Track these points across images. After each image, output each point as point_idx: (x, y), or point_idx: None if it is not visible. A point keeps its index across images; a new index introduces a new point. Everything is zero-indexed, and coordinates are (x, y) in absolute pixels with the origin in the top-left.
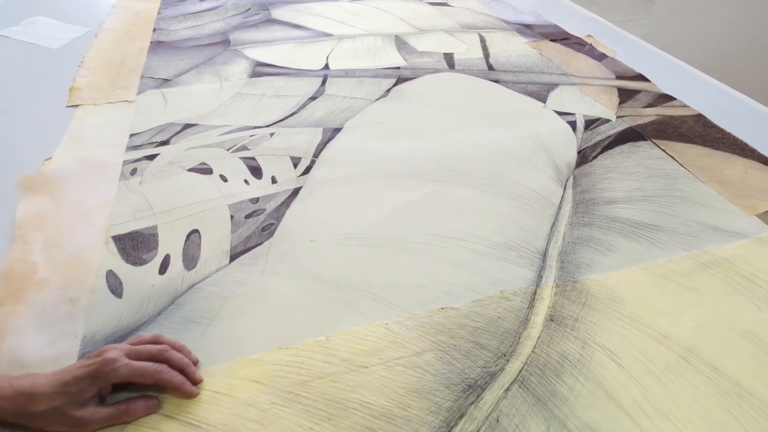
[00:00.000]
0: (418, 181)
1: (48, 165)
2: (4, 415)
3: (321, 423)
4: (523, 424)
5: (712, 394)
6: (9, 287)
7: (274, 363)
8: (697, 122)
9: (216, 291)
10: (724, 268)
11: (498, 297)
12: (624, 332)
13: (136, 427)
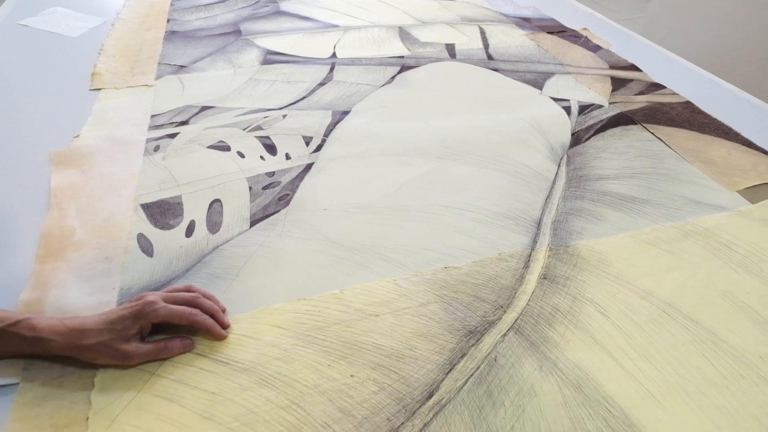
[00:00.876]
0: (422, 158)
1: (77, 142)
2: (59, 348)
3: (338, 361)
4: (518, 363)
5: (690, 341)
6: (49, 247)
7: (294, 312)
8: (685, 109)
9: (239, 251)
10: (704, 236)
11: (496, 258)
12: (611, 289)
13: (173, 362)
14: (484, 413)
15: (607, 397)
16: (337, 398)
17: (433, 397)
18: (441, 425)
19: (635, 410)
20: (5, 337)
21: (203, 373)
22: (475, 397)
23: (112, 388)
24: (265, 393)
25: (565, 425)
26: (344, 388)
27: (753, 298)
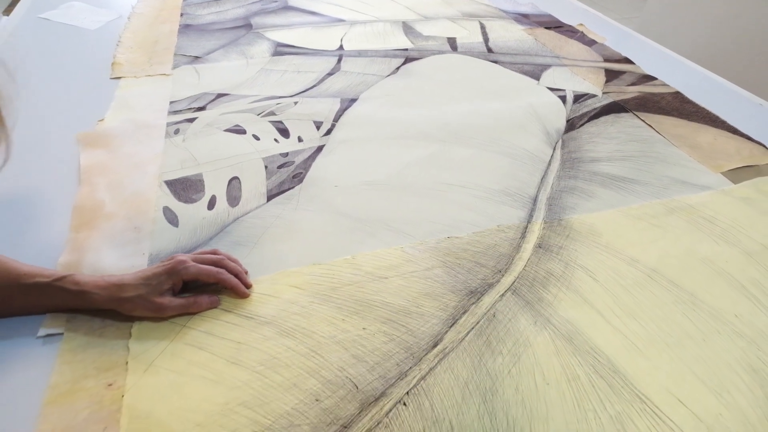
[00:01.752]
0: (426, 141)
1: (102, 125)
2: (100, 301)
3: (351, 316)
4: (514, 319)
5: (672, 302)
6: (82, 218)
7: (310, 274)
8: (675, 98)
9: (257, 222)
10: (688, 212)
11: (495, 230)
12: (600, 257)
13: (201, 317)
14: (484, 360)
15: (595, 348)
16: (351, 347)
17: (438, 346)
18: (445, 370)
19: (620, 359)
20: (52, 290)
21: (229, 326)
22: (476, 347)
23: (148, 337)
24: (286, 342)
25: (556, 371)
26: (357, 338)
27: (731, 266)
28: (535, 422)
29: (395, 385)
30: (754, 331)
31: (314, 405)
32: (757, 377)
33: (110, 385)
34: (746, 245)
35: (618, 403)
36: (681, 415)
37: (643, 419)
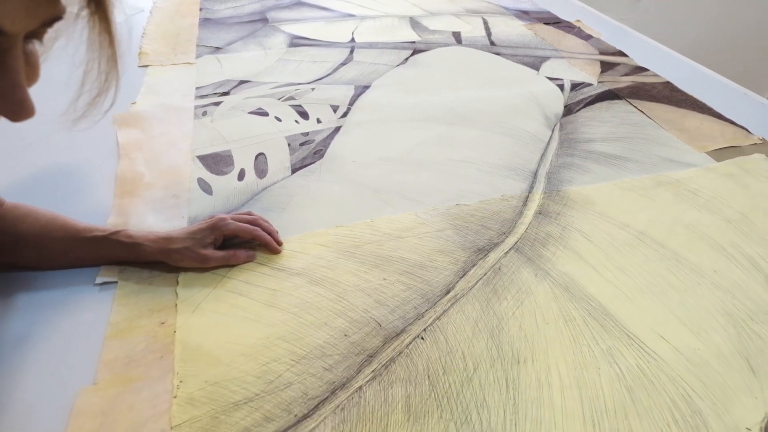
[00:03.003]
0: (435, 123)
1: (135, 107)
2: (151, 253)
3: (372, 269)
4: (518, 272)
5: (657, 259)
6: (125, 187)
7: (334, 235)
8: (665, 87)
9: (284, 191)
10: (675, 185)
11: (499, 199)
12: (594, 222)
13: (239, 269)
14: (491, 304)
15: (589, 295)
16: (374, 293)
17: (450, 293)
18: (457, 311)
19: (611, 305)
20: (108, 243)
21: (264, 276)
22: (484, 293)
23: (193, 285)
24: (315, 289)
25: (555, 313)
26: (378, 287)
27: (712, 230)
28: (537, 353)
29: (413, 323)
30: (730, 282)
31: (343, 339)
32: (731, 320)
33: (163, 324)
34: (727, 213)
35: (609, 339)
36: (663, 349)
37: (631, 352)
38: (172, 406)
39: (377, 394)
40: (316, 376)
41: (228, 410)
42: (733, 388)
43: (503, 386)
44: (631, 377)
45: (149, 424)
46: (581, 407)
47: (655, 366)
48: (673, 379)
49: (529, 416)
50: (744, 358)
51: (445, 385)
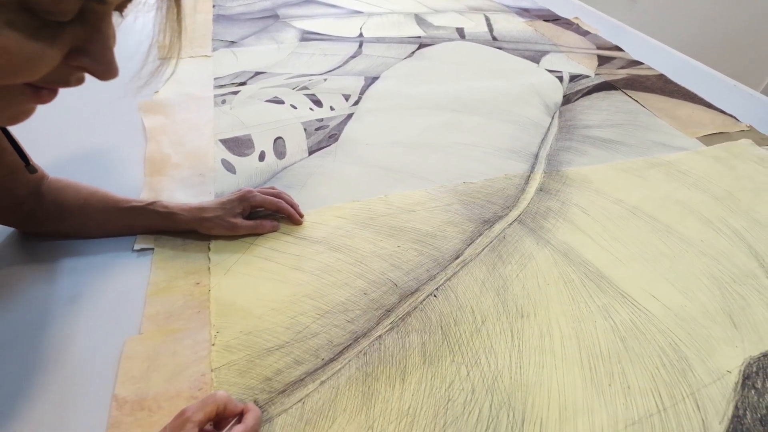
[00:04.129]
0: (441, 111)
1: (158, 96)
2: (184, 221)
3: (387, 238)
4: (520, 240)
5: (649, 231)
6: (153, 167)
7: (350, 208)
8: (659, 79)
9: (302, 170)
10: (666, 166)
11: (503, 178)
12: (591, 198)
13: (265, 237)
14: (497, 267)
15: (586, 261)
16: (389, 259)
17: (459, 258)
18: (466, 273)
19: (606, 269)
20: (145, 213)
21: (288, 244)
22: (490, 258)
23: (224, 251)
24: (336, 255)
25: (555, 275)
26: (393, 253)
27: (700, 206)
28: (539, 309)
29: (426, 284)
30: (715, 251)
31: (363, 297)
32: (716, 282)
33: (198, 284)
34: (714, 192)
35: (604, 297)
36: (654, 306)
37: (624, 308)
38: (211, 353)
39: (395, 341)
40: (340, 327)
41: (262, 355)
42: (716, 338)
43: (509, 336)
44: (624, 329)
45: (191, 367)
46: (579, 354)
47: (646, 320)
48: (663, 331)
49: (533, 361)
50: (727, 315)
51: (456, 335)
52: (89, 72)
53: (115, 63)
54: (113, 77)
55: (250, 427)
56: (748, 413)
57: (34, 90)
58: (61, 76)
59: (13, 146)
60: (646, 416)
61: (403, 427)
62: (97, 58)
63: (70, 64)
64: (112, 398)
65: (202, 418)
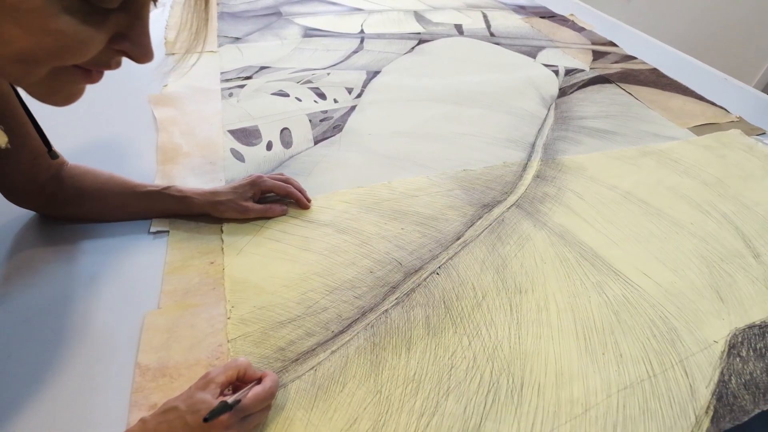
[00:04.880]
0: (441, 103)
1: (167, 89)
2: (198, 205)
3: (390, 221)
4: (518, 223)
5: (641, 214)
6: (166, 156)
7: (356, 194)
8: (652, 73)
9: (309, 159)
10: (658, 155)
11: (502, 165)
12: (586, 184)
13: (274, 221)
14: (496, 247)
15: (581, 242)
16: (393, 240)
17: (460, 239)
18: (467, 253)
19: (601, 249)
20: (160, 197)
21: (297, 227)
22: (489, 239)
23: (236, 233)
24: (343, 237)
25: (551, 255)
26: (397, 235)
27: (691, 192)
28: (536, 285)
29: (429, 262)
30: (704, 232)
31: (369, 275)
32: (704, 260)
33: (212, 263)
34: (704, 178)
35: (598, 275)
36: (645, 283)
37: (617, 285)
38: (227, 325)
39: (401, 315)
40: (348, 303)
41: (275, 327)
42: (704, 312)
43: (508, 310)
44: (617, 303)
45: (209, 338)
46: (574, 326)
47: (637, 295)
48: (653, 305)
49: (531, 332)
50: (714, 291)
51: (458, 309)
52: (129, 56)
53: (151, 47)
54: (149, 60)
55: (268, 387)
56: (733, 379)
57: (84, 72)
58: (104, 60)
59: (37, 131)
60: (637, 381)
61: (410, 391)
62: (137, 42)
63: (112, 48)
64: (136, 366)
65: (224, 380)
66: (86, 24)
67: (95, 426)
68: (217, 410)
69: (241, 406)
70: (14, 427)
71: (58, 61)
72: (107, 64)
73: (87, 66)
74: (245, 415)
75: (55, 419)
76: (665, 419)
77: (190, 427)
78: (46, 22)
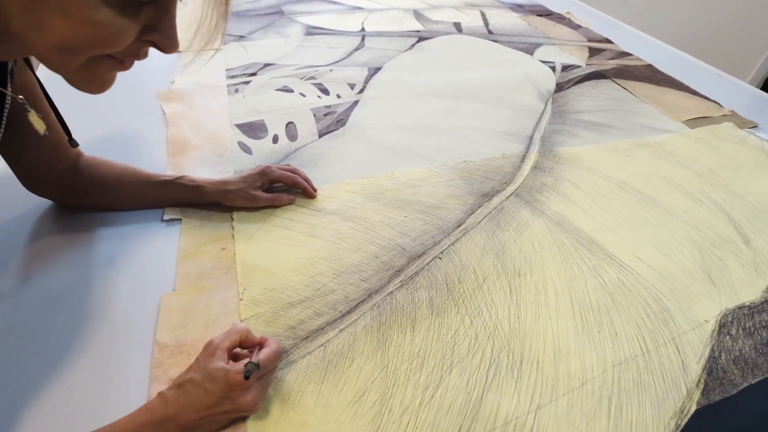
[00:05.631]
0: (441, 98)
1: (174, 86)
2: (210, 194)
3: (394, 209)
4: (517, 211)
5: (636, 202)
6: (176, 148)
7: (360, 184)
8: (647, 69)
9: (314, 151)
10: (653, 147)
11: (500, 157)
12: (582, 174)
13: (282, 209)
14: (496, 234)
15: (578, 228)
16: (397, 227)
17: (461, 226)
18: (468, 239)
19: (596, 235)
20: (174, 186)
21: (304, 215)
22: (489, 226)
23: (246, 221)
24: (348, 224)
25: (549, 241)
26: (401, 222)
27: (683, 181)
28: (534, 269)
29: (432, 248)
30: (697, 219)
31: (374, 260)
32: (696, 246)
33: (224, 249)
34: (696, 168)
35: (594, 259)
36: (639, 266)
37: (613, 268)
38: (239, 306)
39: (405, 296)
40: (355, 285)
41: (285, 308)
42: (696, 293)
43: (507, 292)
44: (613, 286)
45: (223, 318)
46: (571, 306)
47: (632, 278)
48: (647, 287)
49: (530, 312)
50: (706, 274)
51: (460, 291)
52: (156, 46)
53: (177, 38)
54: (175, 51)
55: (276, 348)
56: (722, 355)
57: (117, 61)
58: (133, 50)
59: (59, 120)
60: (631, 357)
61: (415, 366)
62: (166, 34)
63: (142, 39)
64: (154, 343)
65: (229, 345)
66: (123, 16)
67: (117, 398)
68: (251, 369)
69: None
70: (40, 399)
71: (96, 50)
72: (137, 54)
73: (119, 56)
74: (260, 375)
75: (80, 393)
76: (658, 392)
77: (210, 393)
78: (88, 14)
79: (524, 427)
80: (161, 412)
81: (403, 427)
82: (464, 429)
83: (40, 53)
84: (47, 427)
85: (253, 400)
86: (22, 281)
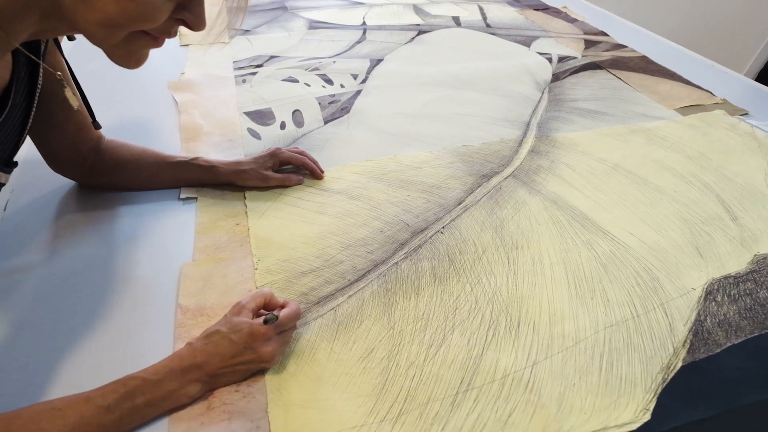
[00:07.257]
0: (441, 87)
1: (184, 76)
2: (223, 174)
3: (397, 189)
4: (515, 191)
5: (629, 183)
6: (188, 134)
7: (364, 166)
8: (642, 60)
9: (320, 137)
10: (646, 133)
11: (499, 142)
12: (578, 157)
13: (292, 189)
14: (494, 211)
15: (573, 206)
16: (401, 205)
17: (461, 204)
18: (468, 216)
19: (590, 212)
20: (189, 167)
21: (313, 194)
22: (488, 205)
23: (258, 199)
24: (354, 202)
25: (545, 217)
26: (404, 201)
27: (675, 164)
28: (531, 243)
29: (434, 224)
30: (687, 199)
31: (379, 234)
32: (686, 223)
33: (238, 224)
34: (688, 152)
35: (588, 234)
36: (631, 240)
37: (606, 242)
38: (255, 275)
39: (410, 266)
40: (362, 257)
41: (297, 277)
42: (684, 265)
43: (505, 263)
44: (605, 258)
45: (240, 285)
46: (566, 275)
47: (624, 251)
48: (638, 259)
49: (526, 281)
50: (695, 247)
51: (461, 261)
52: (187, 24)
53: (205, 17)
54: (203, 29)
55: (296, 308)
56: (708, 318)
57: (152, 37)
58: (166, 27)
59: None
60: (622, 320)
61: (419, 327)
62: (195, 12)
63: (173, 17)
64: (177, 306)
65: (254, 306)
66: None
67: (145, 353)
68: (270, 319)
69: (279, 323)
70: (79, 352)
71: (136, 26)
72: (168, 32)
73: (154, 32)
74: (280, 331)
75: (112, 347)
76: (646, 350)
77: (235, 343)
78: None
79: (521, 380)
80: (189, 359)
81: (410, 379)
82: (465, 381)
83: (85, 28)
84: (85, 375)
85: (272, 352)
86: (52, 253)
